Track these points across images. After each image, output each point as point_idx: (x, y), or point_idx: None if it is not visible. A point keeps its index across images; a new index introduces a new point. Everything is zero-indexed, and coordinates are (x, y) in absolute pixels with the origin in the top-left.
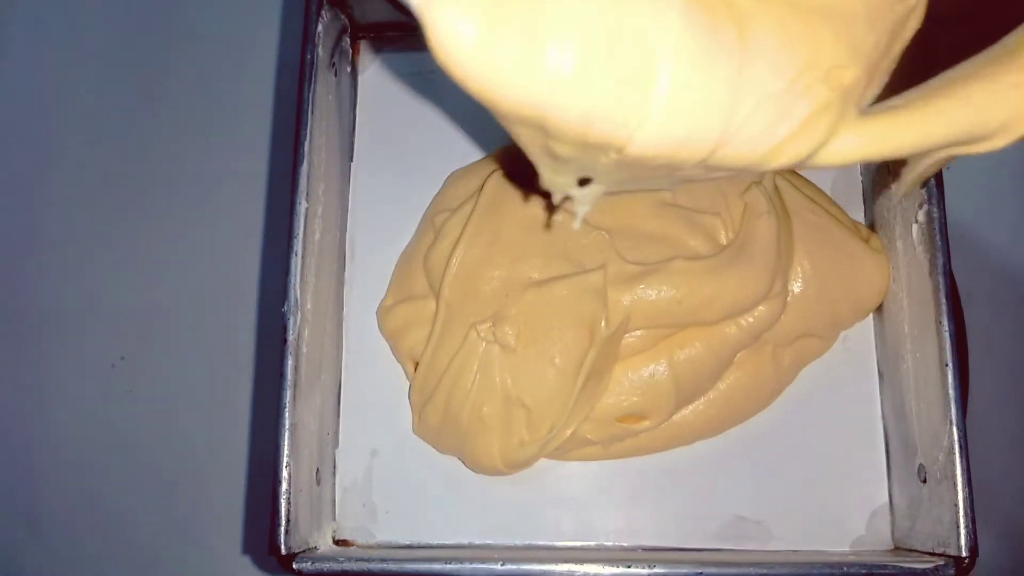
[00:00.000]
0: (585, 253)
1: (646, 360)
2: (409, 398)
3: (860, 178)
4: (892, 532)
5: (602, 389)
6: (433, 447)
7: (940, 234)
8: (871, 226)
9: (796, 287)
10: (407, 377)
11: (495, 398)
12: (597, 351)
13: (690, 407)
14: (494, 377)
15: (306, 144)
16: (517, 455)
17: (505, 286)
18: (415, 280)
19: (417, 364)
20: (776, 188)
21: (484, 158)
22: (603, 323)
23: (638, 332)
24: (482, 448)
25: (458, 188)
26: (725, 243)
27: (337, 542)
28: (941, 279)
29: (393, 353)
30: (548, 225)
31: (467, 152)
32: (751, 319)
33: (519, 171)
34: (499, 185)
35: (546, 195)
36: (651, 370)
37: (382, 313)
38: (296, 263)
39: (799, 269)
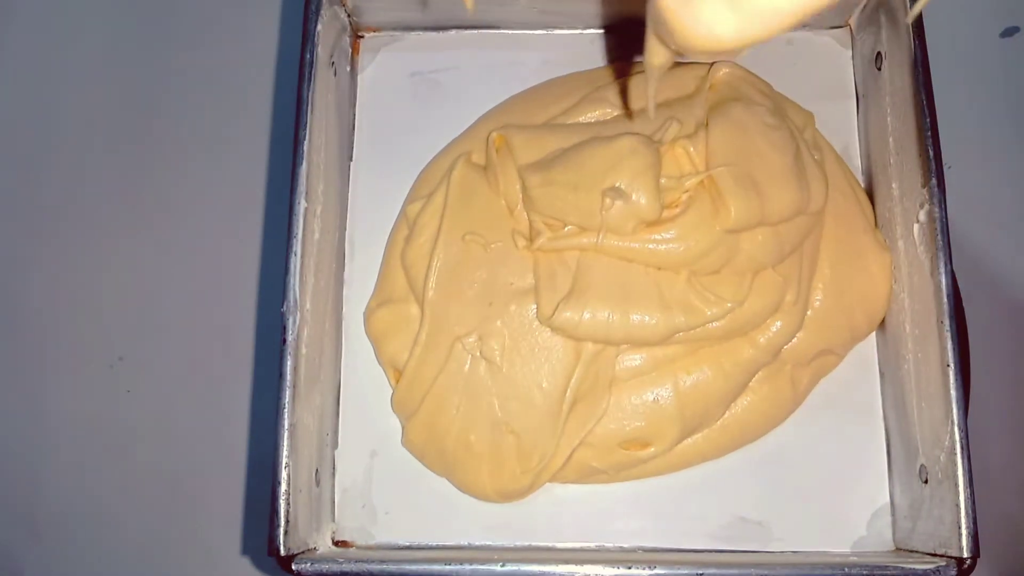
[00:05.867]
0: None
1: (649, 383)
2: (392, 408)
3: (860, 177)
4: (893, 533)
5: (598, 413)
6: (421, 463)
7: (942, 234)
8: None
9: (816, 299)
10: (389, 384)
11: (482, 424)
12: (584, 371)
13: (702, 434)
14: (480, 400)
15: (305, 144)
16: (509, 487)
17: (488, 291)
18: (395, 280)
19: (398, 372)
20: (818, 147)
21: (453, 140)
22: (589, 343)
23: (641, 354)
24: (471, 477)
25: (429, 173)
26: None
27: (336, 543)
28: (943, 279)
29: (376, 357)
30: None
31: None
32: (768, 335)
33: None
34: (467, 171)
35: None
36: (655, 394)
37: (367, 315)
38: (295, 263)
39: (818, 276)
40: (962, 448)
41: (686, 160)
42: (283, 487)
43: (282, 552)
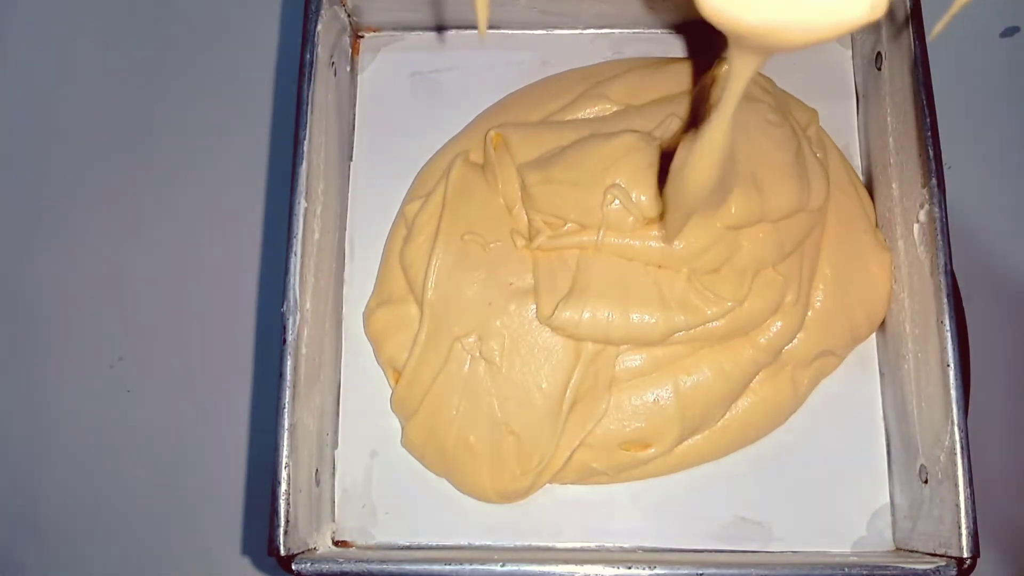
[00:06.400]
0: None
1: (650, 384)
2: (392, 408)
3: (860, 177)
4: (893, 533)
5: (598, 413)
6: (421, 463)
7: (941, 234)
8: None
9: (817, 300)
10: (389, 384)
11: (482, 425)
12: (583, 371)
13: (702, 435)
14: (480, 401)
15: (305, 144)
16: (509, 488)
17: (487, 291)
18: (393, 280)
19: (398, 373)
20: (821, 144)
21: (451, 139)
22: (589, 343)
23: (641, 355)
24: (471, 478)
25: (426, 173)
26: None
27: (336, 543)
28: (943, 279)
29: (375, 357)
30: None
31: None
32: (768, 336)
33: (483, 154)
34: (465, 171)
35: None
36: (655, 395)
37: (367, 316)
38: (295, 263)
39: (819, 276)
40: (962, 448)
41: None
42: (283, 487)
43: (282, 552)
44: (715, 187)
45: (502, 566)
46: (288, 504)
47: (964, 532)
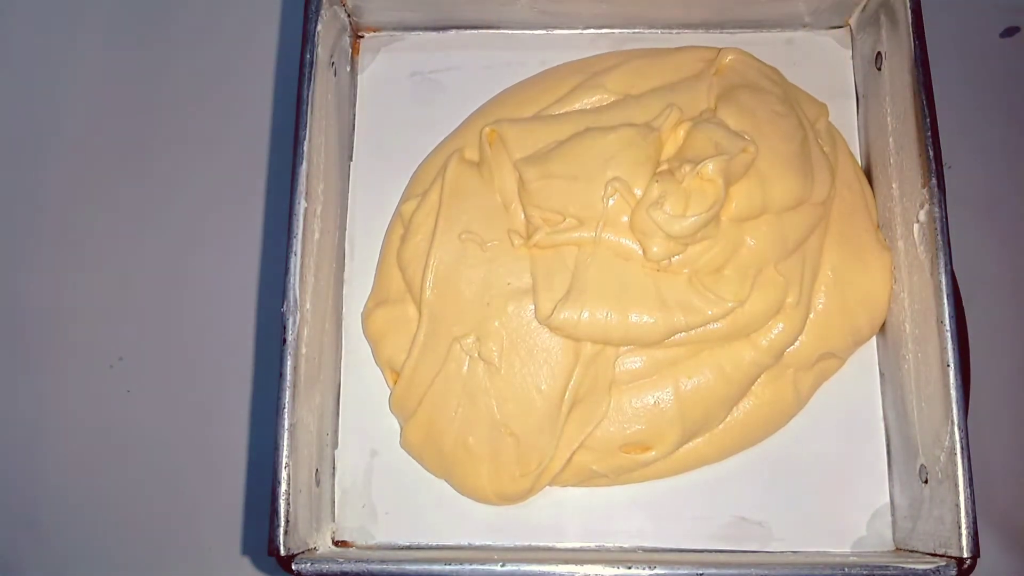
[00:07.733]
0: None
1: (650, 386)
2: (390, 408)
3: None
4: (893, 533)
5: (598, 415)
6: (420, 464)
7: (942, 234)
8: None
9: (819, 302)
10: (387, 385)
11: (481, 426)
12: (583, 372)
13: (703, 437)
14: (479, 402)
15: (305, 143)
16: (509, 489)
17: (485, 291)
18: (391, 280)
19: (396, 373)
20: (831, 139)
21: (446, 138)
22: (588, 344)
23: (641, 357)
24: (471, 479)
25: (422, 171)
26: None
27: (336, 543)
28: (943, 279)
29: (374, 357)
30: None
31: None
32: (769, 337)
33: (479, 151)
34: (461, 169)
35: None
36: (655, 397)
37: (365, 316)
38: (295, 263)
39: (821, 278)
40: (962, 448)
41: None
42: (283, 487)
43: (282, 552)
44: None
45: (502, 566)
46: (288, 504)
47: (964, 532)
